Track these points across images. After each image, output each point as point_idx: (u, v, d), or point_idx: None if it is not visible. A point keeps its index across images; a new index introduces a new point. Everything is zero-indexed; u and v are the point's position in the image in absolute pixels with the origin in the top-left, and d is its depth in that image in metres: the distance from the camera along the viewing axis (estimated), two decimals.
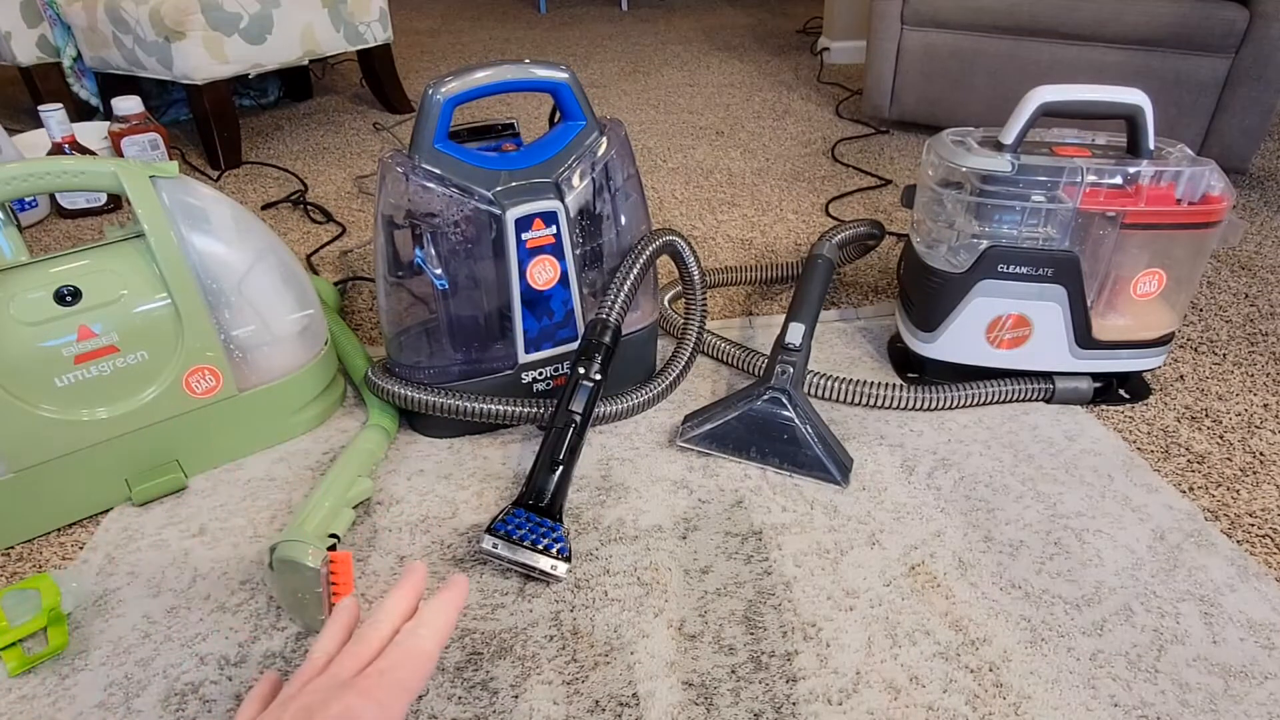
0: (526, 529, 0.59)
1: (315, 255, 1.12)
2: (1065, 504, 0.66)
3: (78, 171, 0.60)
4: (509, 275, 0.68)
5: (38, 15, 1.57)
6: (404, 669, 0.36)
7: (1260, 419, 0.77)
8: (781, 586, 0.58)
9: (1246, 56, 1.23)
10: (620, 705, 0.50)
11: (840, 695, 0.50)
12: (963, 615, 0.56)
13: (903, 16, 1.48)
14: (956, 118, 1.47)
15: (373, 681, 0.34)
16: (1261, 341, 0.89)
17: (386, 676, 0.35)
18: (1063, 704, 0.50)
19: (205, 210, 0.65)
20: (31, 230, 1.24)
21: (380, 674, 0.35)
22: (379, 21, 1.66)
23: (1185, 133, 1.30)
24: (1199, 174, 0.68)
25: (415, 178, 0.64)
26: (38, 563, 0.62)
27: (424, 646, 0.37)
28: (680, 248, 0.75)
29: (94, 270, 0.61)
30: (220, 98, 1.43)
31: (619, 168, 0.71)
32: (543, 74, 0.67)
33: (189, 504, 0.67)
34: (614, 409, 0.73)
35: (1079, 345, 0.75)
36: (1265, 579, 0.59)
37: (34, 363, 0.59)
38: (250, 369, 0.69)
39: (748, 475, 0.69)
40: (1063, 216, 0.70)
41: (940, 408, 0.77)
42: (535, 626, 0.56)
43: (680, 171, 1.42)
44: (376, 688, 0.34)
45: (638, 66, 2.19)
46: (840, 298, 0.99)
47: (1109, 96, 0.69)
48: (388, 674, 0.35)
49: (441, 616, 0.39)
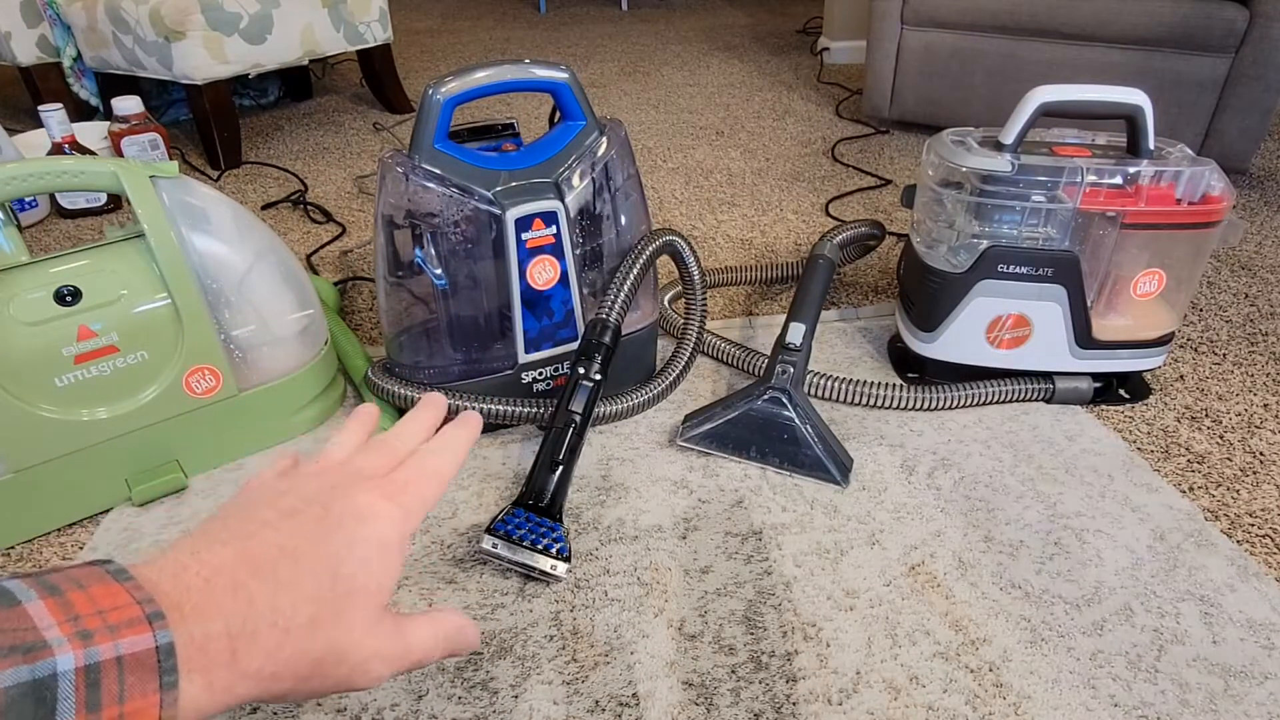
0: (526, 529, 0.59)
1: (315, 255, 1.12)
2: (1065, 504, 0.66)
3: (78, 171, 0.60)
4: (509, 275, 0.68)
5: (38, 15, 1.57)
6: (424, 484, 0.35)
7: (1260, 419, 0.77)
8: (781, 586, 0.58)
9: (1246, 56, 1.23)
10: (620, 705, 0.50)
11: (840, 695, 0.50)
12: (963, 615, 0.56)
13: (903, 16, 1.48)
14: (956, 118, 1.47)
15: (396, 487, 0.34)
16: (1261, 341, 0.89)
17: (410, 486, 0.34)
18: (1063, 704, 0.50)
19: (205, 210, 0.65)
20: (31, 230, 1.24)
21: (404, 483, 0.34)
22: (379, 21, 1.66)
23: (1185, 133, 1.30)
24: (1199, 174, 0.68)
25: (415, 178, 0.64)
26: (38, 563, 0.62)
27: (442, 468, 0.36)
28: (680, 248, 0.75)
29: (94, 270, 0.61)
30: (220, 98, 1.43)
31: (619, 168, 0.71)
32: (543, 74, 0.67)
33: (189, 504, 0.67)
34: (614, 409, 0.73)
35: (1079, 345, 0.75)
36: (1265, 579, 0.59)
37: (34, 363, 0.59)
38: (250, 369, 0.69)
39: (748, 475, 0.69)
40: (1063, 216, 0.70)
41: (940, 408, 0.77)
42: (535, 626, 0.56)
43: (680, 171, 1.42)
44: (402, 494, 0.33)
45: (638, 66, 2.19)
46: (840, 298, 0.99)
47: (1109, 96, 0.69)
48: (410, 484, 0.34)
49: (461, 444, 0.38)
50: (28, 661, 0.21)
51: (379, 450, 0.36)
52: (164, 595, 0.25)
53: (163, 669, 0.23)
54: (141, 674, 0.23)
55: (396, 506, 0.33)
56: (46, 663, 0.22)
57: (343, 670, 0.29)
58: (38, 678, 0.21)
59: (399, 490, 0.34)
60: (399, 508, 0.33)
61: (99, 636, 0.22)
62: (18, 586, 0.23)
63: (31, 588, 0.23)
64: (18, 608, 0.23)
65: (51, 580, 0.24)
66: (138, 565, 0.26)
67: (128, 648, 0.23)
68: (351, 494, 0.32)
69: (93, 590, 0.24)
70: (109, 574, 0.25)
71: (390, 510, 0.32)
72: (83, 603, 0.23)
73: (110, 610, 0.23)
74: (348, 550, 0.30)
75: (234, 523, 0.30)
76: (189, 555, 0.27)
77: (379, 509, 0.32)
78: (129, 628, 0.23)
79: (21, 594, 0.23)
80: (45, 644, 0.22)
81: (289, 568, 0.28)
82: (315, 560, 0.29)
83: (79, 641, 0.22)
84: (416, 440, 0.38)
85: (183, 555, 0.27)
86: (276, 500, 0.32)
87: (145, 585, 0.25)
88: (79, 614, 0.23)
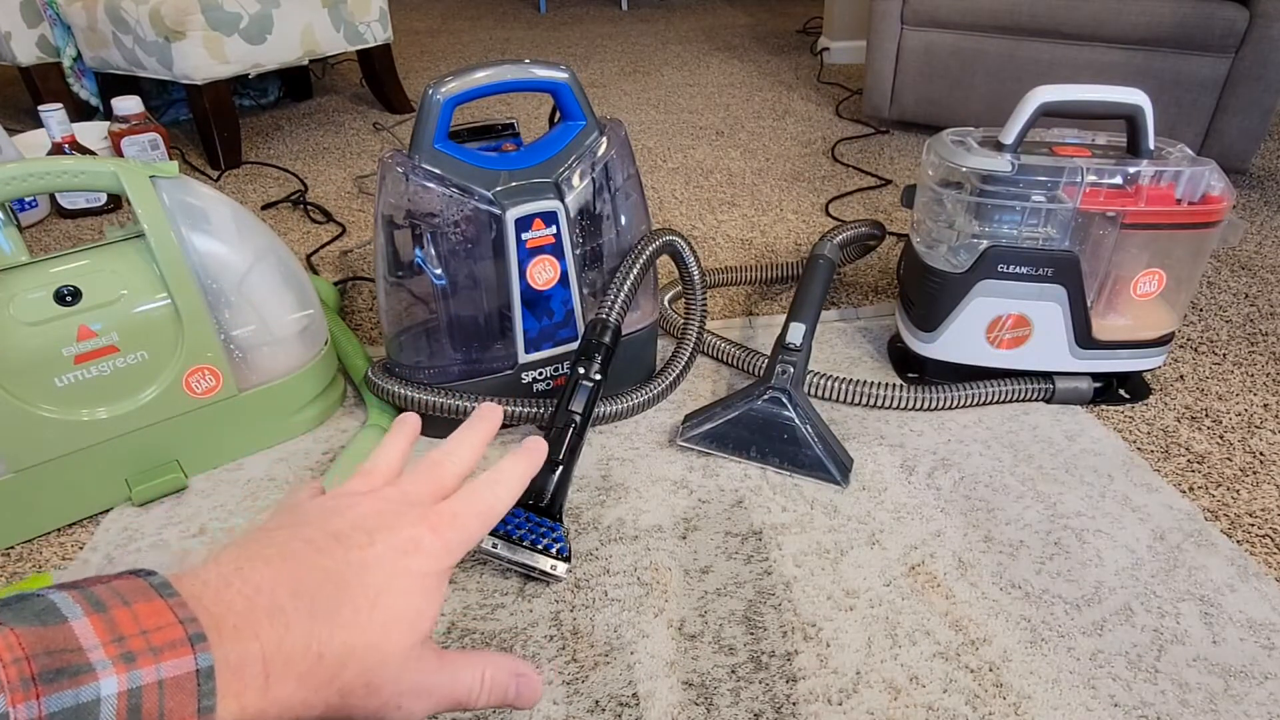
0: (526, 529, 0.59)
1: (315, 255, 1.12)
2: (1065, 504, 0.66)
3: (78, 171, 0.60)
4: (509, 275, 0.68)
5: (38, 15, 1.57)
6: (472, 521, 0.33)
7: (1260, 419, 0.77)
8: (781, 586, 0.58)
9: (1246, 56, 1.23)
10: (620, 705, 0.50)
11: (840, 695, 0.50)
12: (963, 615, 0.56)
13: (903, 16, 1.48)
14: (956, 118, 1.47)
15: (446, 521, 0.32)
16: (1261, 341, 0.89)
17: (459, 520, 0.33)
18: (1063, 704, 0.50)
19: (205, 210, 0.65)
20: (31, 230, 1.24)
21: (454, 516, 0.33)
22: (379, 21, 1.66)
23: (1185, 133, 1.30)
24: (1199, 174, 0.68)
25: (415, 178, 0.64)
26: (38, 563, 0.62)
27: (496, 506, 0.35)
28: (680, 248, 0.75)
29: (94, 270, 0.61)
30: (220, 98, 1.43)
31: (619, 168, 0.71)
32: (543, 74, 0.67)
33: (189, 504, 0.67)
34: (614, 409, 0.73)
35: (1079, 345, 0.75)
36: (1265, 579, 0.59)
37: (34, 363, 0.59)
38: (250, 369, 0.69)
39: (748, 475, 0.69)
40: (1063, 216, 0.70)
41: (940, 408, 0.77)
42: (535, 626, 0.56)
43: (680, 171, 1.42)
44: (449, 528, 0.32)
45: (638, 66, 2.19)
46: (840, 298, 0.99)
47: (1109, 96, 0.69)
48: (460, 518, 0.33)
49: (517, 479, 0.36)
50: (72, 686, 0.21)
51: (430, 475, 0.35)
52: (205, 612, 0.25)
53: (201, 692, 0.23)
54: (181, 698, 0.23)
55: (441, 540, 0.32)
56: (90, 688, 0.22)
57: (375, 703, 0.28)
58: (81, 702, 0.21)
59: (446, 524, 0.32)
60: (443, 542, 0.32)
61: (142, 660, 0.23)
62: (64, 601, 0.23)
63: (78, 603, 0.23)
64: (64, 625, 0.22)
65: (97, 594, 0.24)
66: (182, 577, 0.26)
67: (169, 670, 0.23)
68: (398, 525, 0.31)
69: (138, 607, 0.24)
70: (153, 588, 0.25)
71: (434, 544, 0.31)
72: (127, 622, 0.23)
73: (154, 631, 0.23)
74: (388, 582, 0.29)
75: (280, 538, 0.30)
76: (233, 570, 0.27)
77: (424, 543, 0.31)
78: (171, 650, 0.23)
79: (68, 610, 0.23)
80: (90, 667, 0.22)
81: (329, 594, 0.28)
82: (355, 589, 0.29)
83: (122, 664, 0.22)
84: (470, 462, 0.37)
85: (226, 569, 0.27)
86: (324, 521, 0.31)
87: (190, 602, 0.25)
88: (124, 635, 0.23)
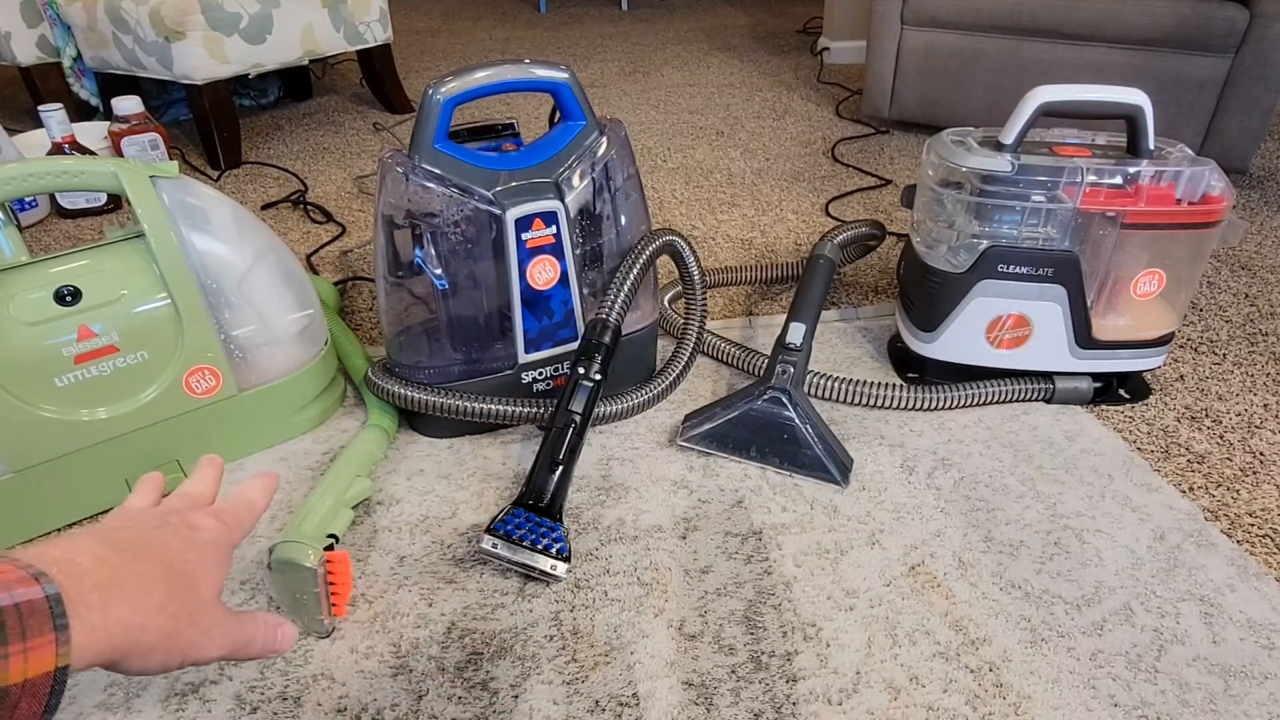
0: (526, 529, 0.59)
1: (315, 255, 1.12)
2: (1065, 504, 0.66)
3: (78, 171, 0.60)
4: (509, 275, 0.68)
5: (38, 15, 1.57)
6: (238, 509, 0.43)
7: (1260, 419, 0.77)
8: (781, 586, 0.58)
9: (1246, 56, 1.23)
10: (620, 705, 0.50)
11: (840, 695, 0.50)
12: (963, 615, 0.56)
13: (903, 16, 1.48)
14: (956, 118, 1.47)
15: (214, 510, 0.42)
16: (1261, 341, 0.89)
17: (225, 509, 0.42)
18: (1063, 704, 0.50)
19: (205, 210, 0.65)
20: (31, 230, 1.24)
21: (219, 508, 0.42)
22: (379, 21, 1.66)
23: (1185, 133, 1.30)
24: (1199, 174, 0.68)
25: (415, 178, 0.64)
26: None
27: (256, 501, 0.44)
28: (680, 248, 0.75)
29: (94, 270, 0.61)
30: (220, 98, 1.43)
31: (619, 168, 0.71)
32: (543, 74, 0.67)
33: None
34: (614, 409, 0.73)
35: (1079, 345, 0.75)
36: (1265, 579, 0.59)
37: (34, 363, 0.59)
38: (250, 369, 0.69)
39: (748, 475, 0.69)
40: (1063, 216, 0.70)
41: (940, 408, 0.77)
42: (535, 626, 0.56)
43: (680, 171, 1.42)
44: (222, 513, 0.42)
45: (638, 66, 2.19)
46: (840, 298, 0.99)
47: (1109, 96, 0.69)
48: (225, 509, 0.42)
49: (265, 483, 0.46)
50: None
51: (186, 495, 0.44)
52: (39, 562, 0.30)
53: (54, 614, 0.28)
54: (38, 618, 0.27)
55: (219, 524, 0.41)
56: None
57: (196, 631, 0.34)
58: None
59: (219, 511, 0.42)
60: (220, 524, 0.41)
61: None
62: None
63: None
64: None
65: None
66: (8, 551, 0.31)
67: (23, 597, 0.27)
68: (183, 513, 0.40)
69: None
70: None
71: (215, 524, 0.40)
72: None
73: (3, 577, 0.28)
74: (187, 545, 0.37)
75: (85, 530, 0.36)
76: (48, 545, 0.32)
77: (206, 522, 0.40)
78: (20, 584, 0.28)
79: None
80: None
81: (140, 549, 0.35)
82: (161, 548, 0.36)
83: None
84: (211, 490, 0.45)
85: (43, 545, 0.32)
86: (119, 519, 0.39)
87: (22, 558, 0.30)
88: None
